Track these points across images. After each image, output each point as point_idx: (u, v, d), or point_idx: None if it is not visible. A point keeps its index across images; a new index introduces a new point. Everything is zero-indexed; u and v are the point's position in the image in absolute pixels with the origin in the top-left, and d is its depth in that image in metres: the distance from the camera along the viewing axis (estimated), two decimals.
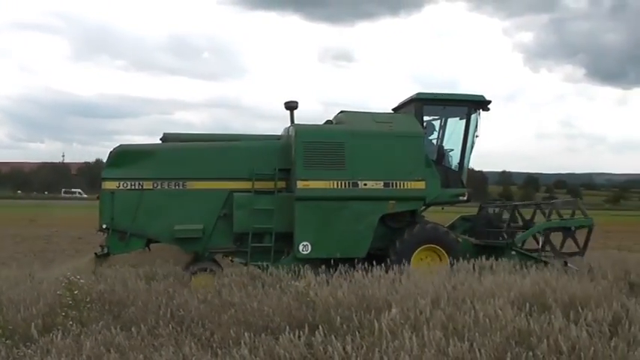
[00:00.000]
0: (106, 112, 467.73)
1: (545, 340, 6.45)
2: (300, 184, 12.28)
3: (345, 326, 7.25)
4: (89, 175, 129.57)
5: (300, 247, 12.21)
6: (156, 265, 11.95)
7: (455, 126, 14.17)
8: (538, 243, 13.79)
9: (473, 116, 13.98)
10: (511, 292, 8.56)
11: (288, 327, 7.19)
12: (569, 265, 12.53)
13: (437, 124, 14.23)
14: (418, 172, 12.82)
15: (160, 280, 10.59)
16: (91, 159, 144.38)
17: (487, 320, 7.05)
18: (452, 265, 11.64)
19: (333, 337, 6.65)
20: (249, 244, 12.32)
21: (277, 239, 12.39)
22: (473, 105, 13.95)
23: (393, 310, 7.37)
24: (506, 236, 14.08)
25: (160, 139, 13.32)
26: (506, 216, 14.90)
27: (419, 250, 12.64)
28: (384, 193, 12.63)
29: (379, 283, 9.18)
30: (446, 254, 12.66)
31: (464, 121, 14.03)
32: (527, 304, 7.87)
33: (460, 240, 13.36)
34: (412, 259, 12.40)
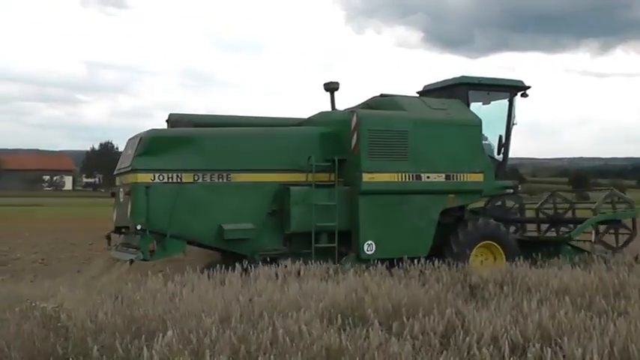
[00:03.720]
0: None
1: (358, 359, 6.32)
2: (365, 177, 13.19)
3: (105, 357, 6.78)
4: None
5: (365, 247, 13.19)
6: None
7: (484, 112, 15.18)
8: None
9: (514, 102, 15.60)
10: (321, 303, 8.46)
11: None
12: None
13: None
14: (478, 163, 14.23)
15: None
16: None
17: (287, 339, 6.79)
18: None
19: None
20: (313, 245, 12.98)
21: (333, 238, 13.22)
22: (515, 90, 15.59)
23: (169, 333, 6.92)
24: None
25: (166, 121, 13.97)
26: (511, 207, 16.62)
27: (478, 245, 14.06)
28: (445, 186, 13.90)
29: (155, 299, 8.73)
30: (502, 252, 14.14)
31: (502, 107, 15.75)
32: (340, 317, 7.76)
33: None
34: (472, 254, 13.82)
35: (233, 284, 9.88)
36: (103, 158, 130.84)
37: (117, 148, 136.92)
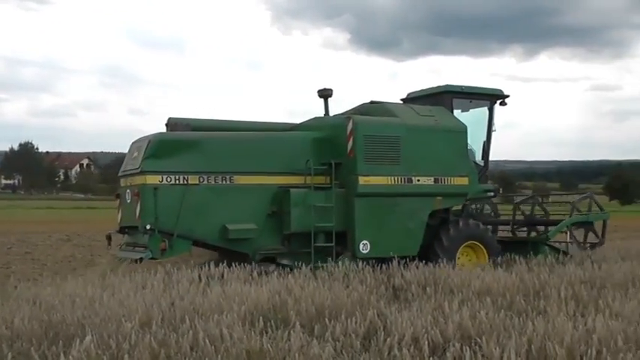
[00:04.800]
0: None
1: None
2: (361, 180, 13.89)
3: None
4: None
5: (361, 246, 13.87)
6: None
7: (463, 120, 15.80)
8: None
9: (494, 110, 16.55)
10: (243, 306, 8.50)
11: None
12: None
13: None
14: (463, 167, 14.99)
15: None
16: None
17: (208, 342, 6.82)
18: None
19: None
20: (312, 245, 13.56)
21: (329, 238, 13.82)
22: (495, 98, 16.52)
23: (87, 338, 6.83)
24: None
25: (166, 125, 14.46)
26: (487, 210, 17.96)
27: (463, 246, 14.82)
28: (433, 189, 14.69)
29: (74, 303, 8.63)
30: (485, 252, 14.98)
31: (479, 114, 16.58)
32: (262, 320, 7.83)
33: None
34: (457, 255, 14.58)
35: (155, 288, 9.84)
36: (22, 159, 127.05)
37: (37, 149, 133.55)
